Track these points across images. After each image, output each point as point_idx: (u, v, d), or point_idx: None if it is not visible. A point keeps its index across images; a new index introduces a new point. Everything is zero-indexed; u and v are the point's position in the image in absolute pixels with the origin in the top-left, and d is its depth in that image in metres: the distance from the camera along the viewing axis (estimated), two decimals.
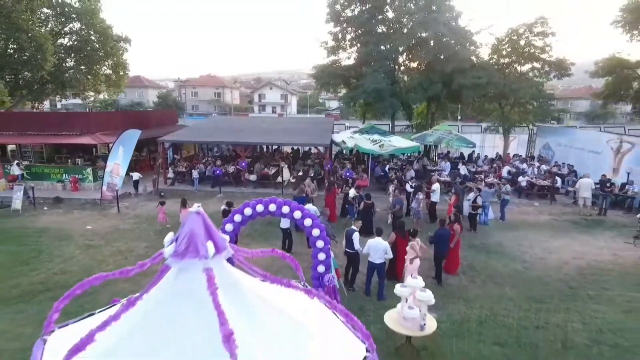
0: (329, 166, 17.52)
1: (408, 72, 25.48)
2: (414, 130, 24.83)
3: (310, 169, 18.01)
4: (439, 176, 16.62)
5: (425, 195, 13.14)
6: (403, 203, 12.63)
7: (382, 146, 17.08)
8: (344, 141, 18.34)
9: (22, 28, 24.67)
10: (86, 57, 31.36)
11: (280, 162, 19.44)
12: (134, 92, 66.74)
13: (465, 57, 21.05)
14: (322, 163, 18.22)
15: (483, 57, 23.15)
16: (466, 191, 13.30)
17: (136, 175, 16.12)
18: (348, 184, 15.28)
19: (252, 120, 31.47)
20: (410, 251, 7.68)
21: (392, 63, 23.98)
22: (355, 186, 13.59)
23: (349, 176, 16.41)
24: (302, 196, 11.77)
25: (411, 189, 13.73)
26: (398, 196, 12.58)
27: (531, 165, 19.50)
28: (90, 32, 30.91)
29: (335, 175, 16.95)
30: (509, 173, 18.19)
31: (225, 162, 19.04)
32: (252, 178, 17.67)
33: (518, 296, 8.28)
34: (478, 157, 21.81)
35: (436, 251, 8.71)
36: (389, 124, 25.05)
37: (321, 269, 7.12)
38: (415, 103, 24.87)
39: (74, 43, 31.68)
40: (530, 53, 21.93)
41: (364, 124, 22.89)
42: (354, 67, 24.58)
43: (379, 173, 18.21)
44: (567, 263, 10.08)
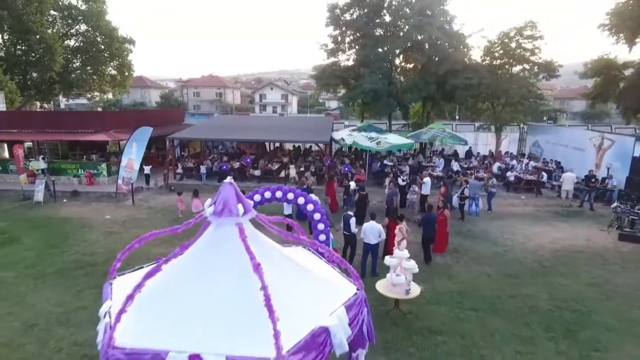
0: (329, 162, 18.61)
1: (404, 73, 26.58)
2: (410, 128, 25.91)
3: (311, 165, 19.11)
4: (432, 172, 17.74)
5: (419, 187, 14.26)
6: (397, 194, 13.76)
7: (379, 143, 18.13)
8: (343, 139, 19.41)
9: (32, 30, 25.61)
10: (92, 58, 32.30)
11: (283, 159, 20.56)
12: (137, 92, 67.63)
13: (458, 59, 22.14)
14: (323, 159, 19.30)
15: (475, 59, 24.25)
16: (456, 185, 14.40)
17: (147, 168, 17.26)
18: (347, 178, 16.37)
19: (255, 119, 32.58)
20: (398, 233, 8.74)
21: (389, 65, 25.06)
22: (355, 180, 14.72)
23: (348, 171, 17.52)
24: (304, 188, 12.83)
25: (403, 183, 14.89)
26: (393, 188, 13.71)
27: (520, 161, 20.60)
28: (96, 34, 31.81)
29: (335, 170, 18.02)
30: (499, 169, 19.29)
31: (230, 159, 20.13)
32: (257, 173, 18.75)
33: (496, 273, 9.37)
34: (471, 154, 22.88)
35: (424, 233, 9.80)
36: (387, 123, 26.14)
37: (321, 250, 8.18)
38: (411, 103, 25.95)
39: (81, 44, 32.68)
40: (520, 55, 23.01)
41: (362, 123, 23.96)
42: (353, 69, 25.66)
43: (376, 169, 19.32)
44: (544, 247, 11.17)
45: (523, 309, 7.71)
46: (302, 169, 18.51)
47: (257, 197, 8.59)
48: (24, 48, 28.72)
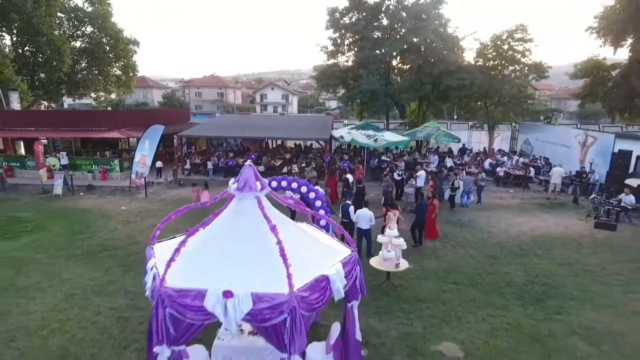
0: (329, 158, 19.67)
1: (401, 74, 27.71)
2: (407, 127, 27.00)
3: (312, 161, 20.16)
4: (427, 167, 18.81)
5: (415, 181, 15.38)
6: (393, 186, 14.86)
7: (376, 140, 19.22)
8: (342, 136, 20.48)
9: (42, 32, 26.55)
10: (98, 59, 33.18)
11: (286, 156, 21.64)
12: (139, 92, 68.56)
13: (451, 61, 23.22)
14: (323, 156, 20.37)
15: (468, 61, 25.33)
16: (449, 179, 15.48)
17: (159, 163, 18.37)
18: (346, 173, 17.44)
19: (258, 118, 33.65)
20: (389, 217, 9.79)
21: (386, 66, 26.16)
22: (353, 174, 15.80)
23: (347, 166, 18.59)
24: (307, 180, 13.91)
25: (399, 177, 16.00)
26: (389, 181, 14.81)
27: (511, 158, 21.68)
28: (101, 35, 32.77)
29: (334, 165, 19.08)
30: (490, 165, 20.37)
31: (236, 155, 21.20)
32: (261, 169, 19.81)
33: (478, 254, 10.43)
34: (465, 151, 23.96)
35: (416, 219, 10.87)
36: (384, 122, 27.23)
37: None
38: (407, 102, 27.04)
39: (87, 46, 33.62)
40: (511, 56, 24.09)
41: (361, 122, 25.05)
42: (352, 69, 26.76)
43: (374, 165, 20.39)
44: (525, 233, 12.23)
45: (500, 283, 8.77)
46: (304, 165, 19.57)
47: (274, 184, 9.69)
48: (32, 49, 29.70)
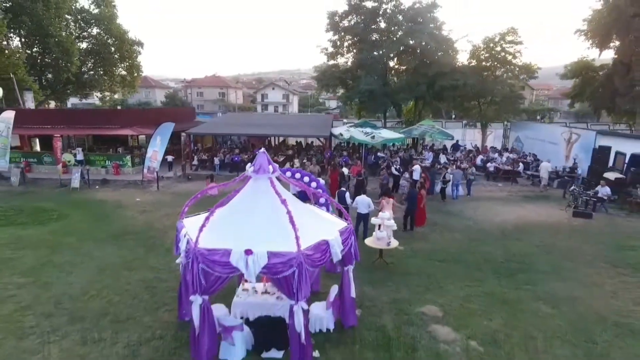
0: (329, 154, 20.80)
1: (397, 75, 28.85)
2: (404, 125, 28.13)
3: (313, 157, 21.29)
4: (421, 163, 19.96)
5: (410, 175, 16.54)
6: (389, 179, 16.04)
7: (373, 137, 20.32)
8: (341, 134, 21.61)
9: (51, 33, 27.61)
10: (103, 60, 34.25)
11: (288, 152, 22.77)
12: (141, 92, 69.59)
13: (446, 62, 24.35)
14: (324, 152, 21.50)
15: (462, 62, 26.50)
16: (441, 173, 16.66)
17: (170, 157, 19.56)
18: (342, 167, 18.61)
19: (261, 116, 34.79)
20: (383, 204, 10.95)
21: (384, 67, 27.29)
22: (349, 169, 16.96)
23: (345, 162, 19.72)
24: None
25: (396, 172, 17.16)
26: (385, 174, 16.00)
27: (502, 155, 22.82)
28: (107, 37, 33.80)
29: (334, 161, 20.22)
30: (482, 161, 21.51)
31: (241, 151, 22.34)
32: None
33: (464, 238, 11.58)
34: (458, 147, 25.11)
35: (408, 207, 12.02)
36: (382, 121, 28.36)
37: None
38: (404, 102, 28.19)
39: (93, 47, 34.69)
40: (503, 58, 25.22)
41: (359, 120, 26.17)
42: (351, 70, 27.90)
43: (371, 161, 21.51)
44: (508, 221, 13.37)
45: (479, 261, 9.91)
46: (305, 161, 20.69)
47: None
48: (40, 50, 30.73)
